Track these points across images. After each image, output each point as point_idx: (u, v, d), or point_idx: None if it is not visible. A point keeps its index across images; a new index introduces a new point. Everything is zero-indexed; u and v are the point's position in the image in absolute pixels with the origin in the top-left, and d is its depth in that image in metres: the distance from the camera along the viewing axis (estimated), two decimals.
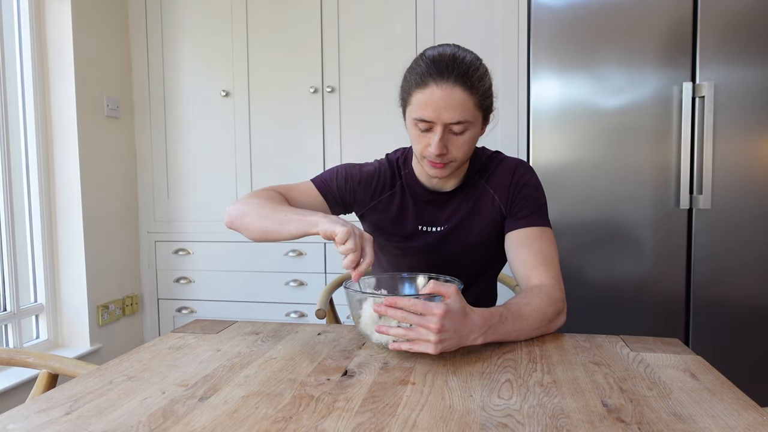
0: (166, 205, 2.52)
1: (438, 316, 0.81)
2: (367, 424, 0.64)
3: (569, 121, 1.86)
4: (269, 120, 2.40)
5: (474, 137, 1.07)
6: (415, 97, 1.02)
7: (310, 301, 2.37)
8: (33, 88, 2.15)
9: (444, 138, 1.02)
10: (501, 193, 1.16)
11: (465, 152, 1.06)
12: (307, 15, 2.32)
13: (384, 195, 1.21)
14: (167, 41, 2.47)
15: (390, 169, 1.22)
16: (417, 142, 1.07)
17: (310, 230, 0.96)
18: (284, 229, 1.00)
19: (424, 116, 1.01)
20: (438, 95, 0.99)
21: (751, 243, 1.77)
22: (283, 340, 0.99)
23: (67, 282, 2.27)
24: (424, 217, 1.19)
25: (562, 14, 1.84)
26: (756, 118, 1.75)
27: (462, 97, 1.00)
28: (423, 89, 1.00)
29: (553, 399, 0.71)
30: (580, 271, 1.87)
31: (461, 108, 1.00)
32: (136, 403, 0.71)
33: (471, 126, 1.04)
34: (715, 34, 1.75)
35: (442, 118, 1.00)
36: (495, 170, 1.18)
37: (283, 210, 1.02)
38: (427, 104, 1.00)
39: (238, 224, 1.08)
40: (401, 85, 1.08)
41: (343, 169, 1.22)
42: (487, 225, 1.17)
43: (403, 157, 1.24)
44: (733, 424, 0.64)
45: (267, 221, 1.02)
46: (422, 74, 1.01)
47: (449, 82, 0.99)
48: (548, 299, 1.00)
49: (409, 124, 1.08)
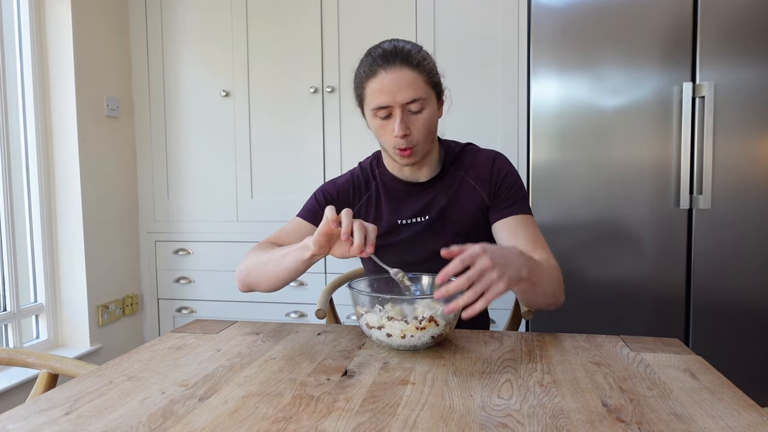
0: (166, 205, 2.52)
1: (481, 254, 0.82)
2: (367, 424, 0.64)
3: (569, 121, 1.86)
4: (269, 120, 2.40)
5: (433, 116, 1.12)
6: (369, 88, 1.09)
7: (310, 301, 2.37)
8: (33, 88, 2.15)
9: (404, 119, 1.08)
10: (482, 183, 1.19)
11: (426, 132, 1.11)
12: (307, 15, 2.32)
13: (362, 200, 1.25)
14: (167, 41, 2.47)
15: (363, 174, 1.27)
16: (381, 134, 1.12)
17: (305, 255, 1.00)
18: (284, 267, 1.04)
19: (380, 102, 1.08)
20: (389, 79, 1.06)
21: (751, 243, 1.77)
22: (283, 340, 0.99)
23: (67, 282, 2.27)
24: (404, 210, 1.21)
25: (562, 14, 1.84)
26: (756, 118, 1.75)
27: (411, 75, 1.06)
28: (374, 78, 1.07)
29: (553, 399, 0.71)
30: (580, 271, 1.87)
31: (413, 86, 1.07)
32: (136, 403, 0.71)
33: (426, 104, 1.09)
34: (715, 34, 1.75)
35: (398, 99, 1.06)
36: (473, 161, 1.22)
37: (278, 251, 1.07)
38: (381, 90, 1.07)
39: (248, 283, 1.13)
40: (354, 85, 1.15)
41: (320, 192, 1.26)
42: (469, 214, 1.19)
43: (375, 159, 1.28)
44: (733, 424, 0.64)
45: (268, 267, 1.07)
46: (370, 65, 1.08)
47: (396, 65, 1.06)
48: (554, 267, 1.06)
49: (370, 119, 1.13)
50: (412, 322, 0.89)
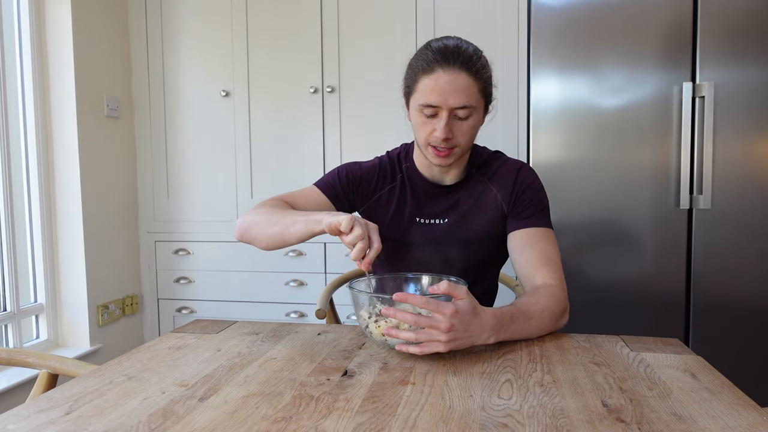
0: (166, 205, 2.52)
1: (448, 315, 0.82)
2: (367, 424, 0.64)
3: (569, 121, 1.86)
4: (269, 120, 2.40)
5: (477, 124, 1.10)
6: (422, 84, 1.05)
7: (310, 301, 2.37)
8: (33, 88, 2.15)
9: (449, 123, 1.05)
10: (504, 192, 1.17)
11: (468, 139, 1.09)
12: (307, 15, 2.32)
13: (384, 189, 1.23)
14: (167, 41, 2.47)
15: (391, 164, 1.25)
16: (422, 129, 1.09)
17: (315, 228, 0.99)
18: (291, 232, 1.02)
19: (430, 101, 1.04)
20: (444, 80, 1.03)
21: (751, 243, 1.77)
22: (283, 340, 0.99)
23: (67, 282, 2.27)
24: (424, 209, 1.20)
25: (562, 14, 1.84)
26: (756, 118, 1.75)
27: (467, 82, 1.04)
28: (429, 75, 1.04)
29: (553, 399, 0.71)
30: (580, 271, 1.87)
31: (467, 93, 1.04)
32: (136, 403, 0.71)
33: (475, 112, 1.07)
34: (715, 34, 1.75)
35: (449, 103, 1.04)
36: (498, 169, 1.20)
37: (289, 214, 1.05)
38: (433, 89, 1.03)
39: (247, 236, 1.11)
40: (405, 74, 1.11)
41: (344, 168, 1.24)
42: (488, 222, 1.18)
43: (404, 151, 1.26)
44: (733, 424, 0.64)
45: (275, 227, 1.05)
46: (429, 61, 1.04)
47: (455, 67, 1.03)
48: (554, 299, 1.01)
49: (413, 112, 1.10)
50: None
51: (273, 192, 2.39)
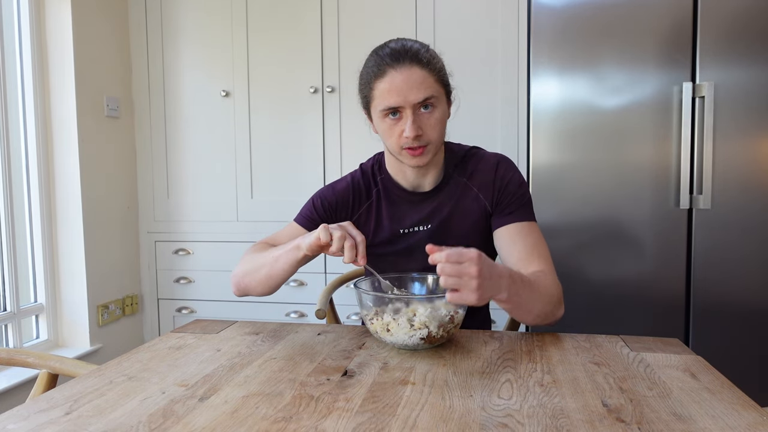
0: (166, 205, 2.52)
1: (475, 259, 0.83)
2: (367, 424, 0.64)
3: (569, 121, 1.86)
4: (269, 120, 2.40)
5: (443, 116, 1.09)
6: (377, 89, 1.05)
7: (310, 301, 2.37)
8: (33, 88, 2.15)
9: (416, 120, 1.05)
10: (485, 190, 1.17)
11: (439, 132, 1.09)
12: (307, 15, 2.32)
13: (362, 208, 1.21)
14: (167, 41, 2.47)
15: (365, 179, 1.23)
16: (390, 135, 1.08)
17: (297, 255, 1.01)
18: (276, 269, 1.05)
19: (390, 103, 1.04)
20: (399, 78, 1.03)
21: (751, 243, 1.77)
22: (283, 340, 0.99)
23: (67, 282, 2.27)
24: (404, 219, 1.19)
25: (562, 14, 1.84)
26: (756, 118, 1.75)
27: (421, 74, 1.03)
28: (383, 78, 1.04)
29: (553, 399, 0.71)
30: (580, 271, 1.87)
31: (424, 85, 1.03)
32: (136, 403, 0.71)
33: (438, 102, 1.07)
34: (715, 34, 1.75)
35: (409, 99, 1.03)
36: (477, 167, 1.18)
37: (269, 252, 1.07)
38: (390, 90, 1.03)
39: (243, 287, 1.13)
40: (359, 86, 1.11)
41: (318, 198, 1.23)
42: (472, 223, 1.17)
43: (377, 163, 1.24)
44: (733, 424, 0.64)
45: (262, 271, 1.07)
46: (379, 65, 1.05)
47: (405, 63, 1.03)
48: (549, 282, 1.03)
49: (377, 121, 1.09)
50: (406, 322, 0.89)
51: (273, 192, 2.40)
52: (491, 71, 2.18)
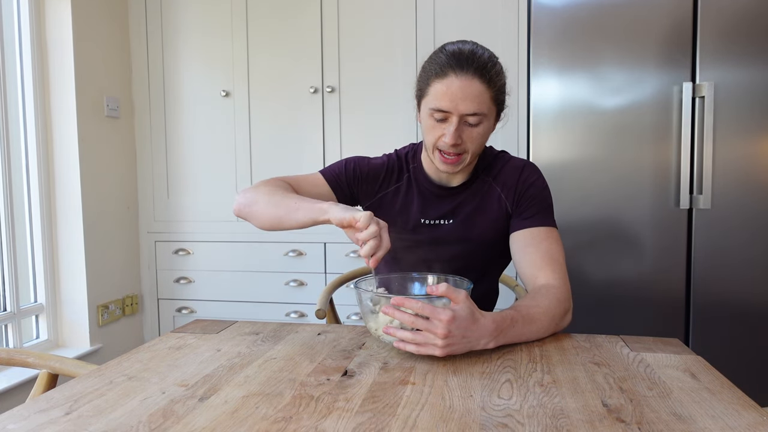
0: (166, 205, 2.52)
1: (444, 322, 0.81)
2: (367, 424, 0.64)
3: (569, 121, 1.86)
4: (269, 120, 2.40)
5: (487, 131, 1.09)
6: (434, 87, 1.04)
7: (310, 301, 2.37)
8: (33, 88, 2.15)
9: (459, 129, 1.04)
10: (508, 191, 1.17)
11: (478, 145, 1.08)
12: (307, 15, 2.32)
13: (390, 188, 1.22)
14: (167, 41, 2.47)
15: (398, 163, 1.24)
16: (431, 133, 1.08)
17: (319, 218, 0.96)
18: (293, 217, 1.00)
19: (441, 106, 1.03)
20: (457, 85, 1.02)
21: (751, 243, 1.77)
22: (283, 340, 0.99)
23: (67, 282, 2.27)
24: (429, 211, 1.20)
25: (562, 14, 1.84)
26: (756, 118, 1.75)
27: (480, 89, 1.02)
28: (442, 79, 1.03)
29: (553, 399, 0.71)
30: (580, 271, 1.87)
31: (478, 100, 1.03)
32: (136, 403, 0.71)
33: (485, 119, 1.06)
34: (715, 34, 1.75)
35: (459, 109, 1.03)
36: (502, 169, 1.19)
37: (292, 198, 1.03)
38: (445, 94, 1.02)
39: (246, 212, 1.09)
40: (418, 76, 1.10)
41: (352, 161, 1.23)
42: (492, 222, 1.17)
43: (412, 151, 1.25)
44: (733, 424, 0.64)
45: (276, 209, 1.03)
46: (442, 65, 1.03)
47: (468, 73, 1.02)
48: (555, 300, 1.00)
49: (423, 115, 1.09)
50: None
51: None
52: None
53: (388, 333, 0.86)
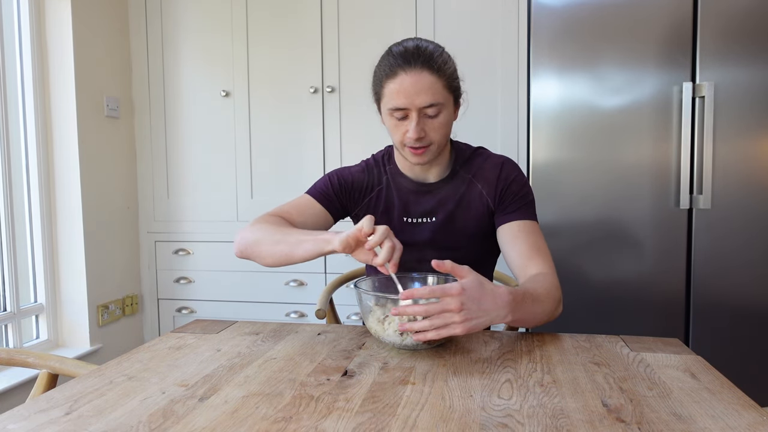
0: (166, 205, 2.52)
1: (456, 295, 0.82)
2: (367, 424, 0.64)
3: (569, 121, 1.86)
4: (269, 120, 2.40)
5: (448, 120, 1.11)
6: (387, 88, 1.08)
7: (310, 301, 2.37)
8: (33, 88, 2.15)
9: (420, 122, 1.07)
10: (489, 188, 1.19)
11: (442, 135, 1.11)
12: (307, 15, 2.32)
13: (373, 192, 1.24)
14: (167, 41, 2.47)
15: (376, 167, 1.26)
16: (395, 132, 1.12)
17: (324, 248, 0.97)
18: (298, 252, 1.01)
19: (398, 104, 1.06)
20: (408, 82, 1.05)
21: (751, 243, 1.77)
22: (283, 340, 0.99)
23: (67, 282, 2.27)
24: (411, 209, 1.21)
25: (562, 14, 1.84)
26: (756, 118, 1.75)
27: (430, 80, 1.05)
28: (393, 79, 1.06)
29: (553, 399, 0.71)
30: (580, 271, 1.87)
31: (432, 90, 1.05)
32: (136, 403, 0.71)
33: (443, 108, 1.09)
34: (715, 34, 1.75)
35: (416, 103, 1.05)
36: (482, 165, 1.21)
37: (294, 233, 1.04)
38: (399, 92, 1.05)
39: (250, 253, 1.10)
40: (372, 81, 1.14)
41: (335, 174, 1.25)
42: (474, 218, 1.19)
43: (386, 154, 1.28)
44: (733, 424, 0.64)
45: (280, 246, 1.04)
46: (391, 65, 1.07)
47: (416, 67, 1.05)
48: (553, 286, 1.04)
49: (385, 117, 1.12)
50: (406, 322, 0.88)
51: (273, 192, 2.40)
52: (491, 71, 2.18)
53: (405, 330, 0.85)
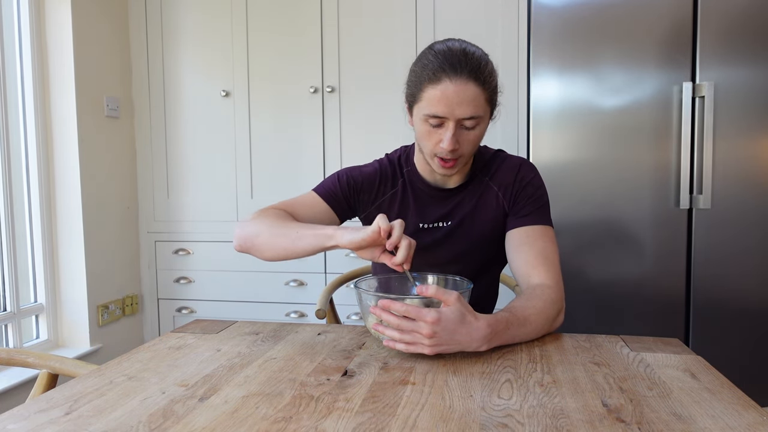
0: (166, 205, 2.52)
1: (429, 323, 0.82)
2: (367, 424, 0.64)
3: (569, 121, 1.86)
4: (269, 120, 2.40)
5: (483, 132, 1.07)
6: (427, 93, 1.01)
7: (310, 301, 2.37)
8: (33, 88, 2.15)
9: (456, 134, 1.02)
10: (504, 190, 1.16)
11: (474, 147, 1.07)
12: (307, 15, 2.32)
13: (387, 194, 1.21)
14: (167, 41, 2.47)
15: (391, 168, 1.22)
16: (427, 139, 1.06)
17: (326, 244, 0.94)
18: (298, 246, 0.98)
19: (437, 112, 1.00)
20: (452, 90, 0.98)
21: (751, 243, 1.77)
22: (283, 340, 0.99)
23: (67, 282, 2.27)
24: (427, 214, 1.19)
25: (562, 14, 1.84)
26: (756, 118, 1.75)
27: (475, 92, 0.99)
28: (436, 84, 0.99)
29: (553, 399, 0.71)
30: (580, 271, 1.87)
31: (474, 103, 1.00)
32: (136, 403, 0.71)
33: (481, 121, 1.04)
34: (715, 34, 1.75)
35: (456, 114, 1.00)
36: (499, 168, 1.18)
37: (294, 227, 1.00)
38: (440, 99, 0.99)
39: (249, 246, 1.05)
40: (408, 80, 1.07)
41: (344, 173, 1.21)
42: (490, 222, 1.17)
43: (405, 155, 1.23)
44: (733, 424, 0.64)
45: (280, 240, 1.00)
46: (435, 69, 0.99)
47: (463, 76, 0.98)
48: (550, 301, 1.00)
49: (417, 121, 1.06)
50: None
51: (273, 192, 2.40)
52: None
53: (378, 330, 0.87)
